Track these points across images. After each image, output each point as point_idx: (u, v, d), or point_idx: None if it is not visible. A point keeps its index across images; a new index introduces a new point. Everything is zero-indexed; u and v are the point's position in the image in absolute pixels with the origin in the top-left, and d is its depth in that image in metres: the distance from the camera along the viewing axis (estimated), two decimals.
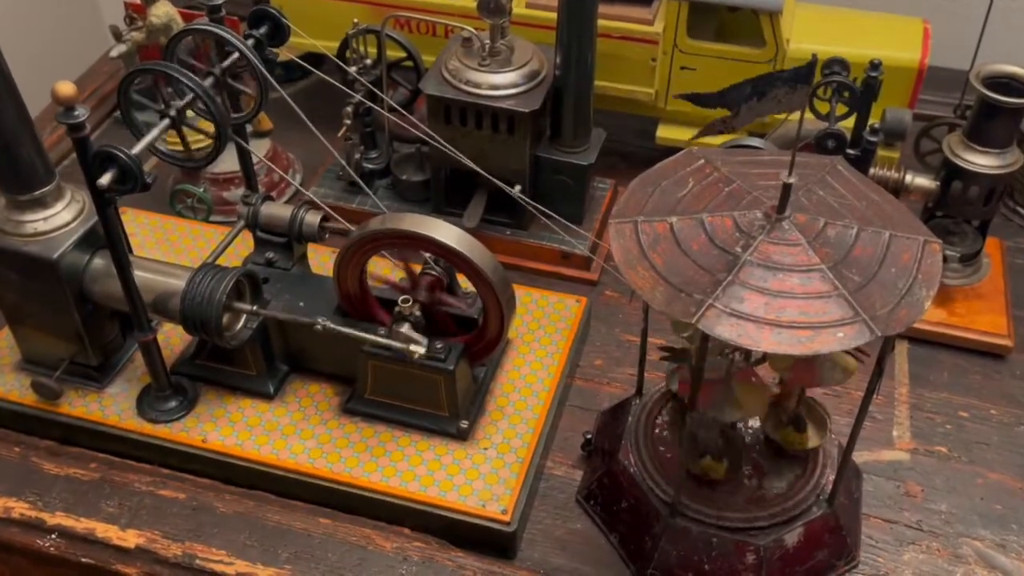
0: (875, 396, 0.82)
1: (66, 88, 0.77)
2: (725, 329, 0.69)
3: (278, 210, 1.02)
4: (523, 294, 1.10)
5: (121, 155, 0.80)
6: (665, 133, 1.28)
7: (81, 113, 0.78)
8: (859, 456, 1.00)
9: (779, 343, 0.68)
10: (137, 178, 0.80)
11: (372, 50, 1.20)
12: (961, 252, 1.13)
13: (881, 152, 1.17)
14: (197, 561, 0.91)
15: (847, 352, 0.84)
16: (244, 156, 1.04)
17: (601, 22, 1.12)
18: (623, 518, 0.93)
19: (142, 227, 1.20)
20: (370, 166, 1.25)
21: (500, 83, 1.10)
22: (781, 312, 0.69)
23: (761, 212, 0.74)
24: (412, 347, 0.91)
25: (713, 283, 0.71)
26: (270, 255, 1.03)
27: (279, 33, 0.98)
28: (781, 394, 0.91)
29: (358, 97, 1.18)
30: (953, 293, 1.13)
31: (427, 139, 1.10)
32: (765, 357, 0.85)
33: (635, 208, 0.78)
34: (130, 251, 0.96)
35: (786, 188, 0.71)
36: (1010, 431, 1.04)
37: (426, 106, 1.14)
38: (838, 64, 1.12)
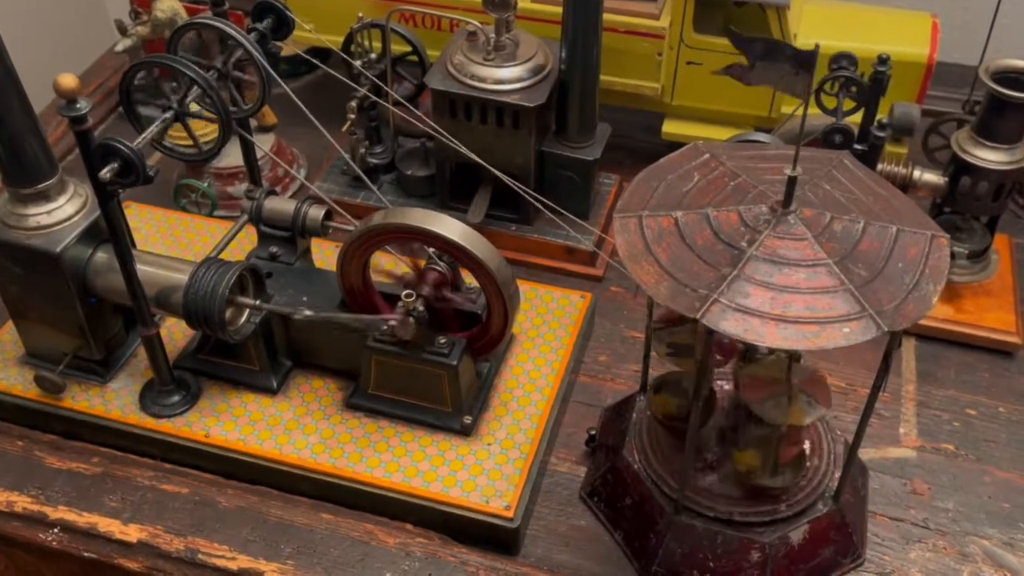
0: (881, 393, 0.82)
1: (68, 80, 0.77)
2: (730, 324, 0.69)
3: (281, 204, 1.02)
4: (527, 289, 1.09)
5: (123, 148, 0.80)
6: (671, 128, 1.27)
7: (83, 106, 0.78)
8: (865, 453, 0.99)
9: (785, 338, 0.68)
10: (139, 171, 0.80)
11: (377, 44, 1.20)
12: (969, 249, 1.12)
13: (889, 148, 1.16)
14: (199, 556, 0.91)
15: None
16: (248, 150, 1.04)
17: (607, 16, 1.12)
18: (627, 515, 0.92)
19: (146, 222, 1.20)
20: (375, 161, 1.25)
21: (505, 77, 1.10)
22: (787, 307, 0.69)
23: (767, 206, 0.73)
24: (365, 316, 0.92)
25: (718, 278, 0.71)
26: (274, 250, 1.03)
27: (283, 26, 0.97)
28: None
29: (363, 91, 1.17)
30: (961, 290, 1.13)
31: (432, 134, 1.09)
32: (771, 352, 0.84)
33: (640, 202, 0.78)
34: (133, 245, 0.96)
35: (791, 182, 0.71)
36: (1018, 429, 1.03)
37: (431, 100, 1.13)
38: (845, 59, 1.11)
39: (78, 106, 0.78)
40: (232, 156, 1.24)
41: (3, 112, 0.86)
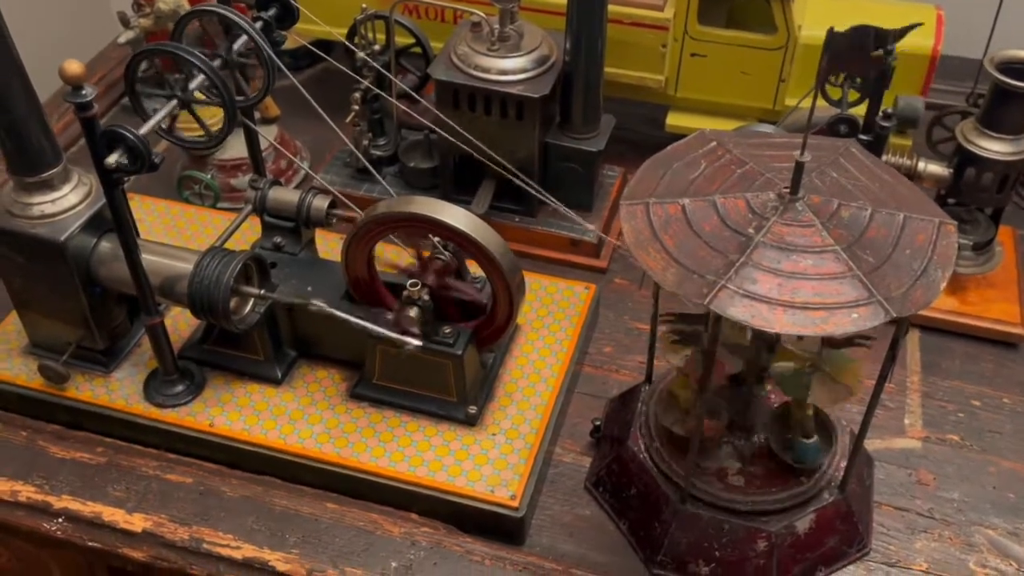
0: (888, 382, 0.82)
1: (74, 67, 0.77)
2: (738, 310, 0.68)
3: (286, 195, 1.02)
4: (532, 281, 1.09)
5: (129, 135, 0.79)
6: (675, 120, 1.27)
7: (88, 92, 0.78)
8: (871, 444, 0.99)
9: (793, 324, 0.68)
10: (144, 158, 0.80)
11: (380, 36, 1.19)
12: (974, 240, 1.12)
13: (893, 139, 1.16)
14: (204, 545, 0.90)
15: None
16: (252, 141, 1.04)
17: (611, 8, 1.12)
18: (632, 504, 0.92)
19: (149, 213, 1.20)
20: (378, 153, 1.25)
21: (509, 68, 1.10)
22: (795, 293, 0.69)
23: (774, 193, 0.73)
24: (407, 338, 0.91)
25: (726, 264, 0.70)
26: (278, 240, 1.03)
27: (287, 16, 0.97)
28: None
29: (366, 83, 1.17)
30: (965, 281, 1.13)
31: (434, 127, 1.09)
32: (778, 339, 0.84)
33: (646, 190, 0.78)
34: (137, 234, 0.96)
35: (799, 167, 0.71)
36: (1023, 419, 1.03)
37: (435, 92, 1.13)
38: None
39: (83, 92, 0.78)
40: (235, 148, 1.24)
41: (7, 100, 0.86)
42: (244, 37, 0.92)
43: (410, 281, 0.93)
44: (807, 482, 0.88)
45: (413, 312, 0.92)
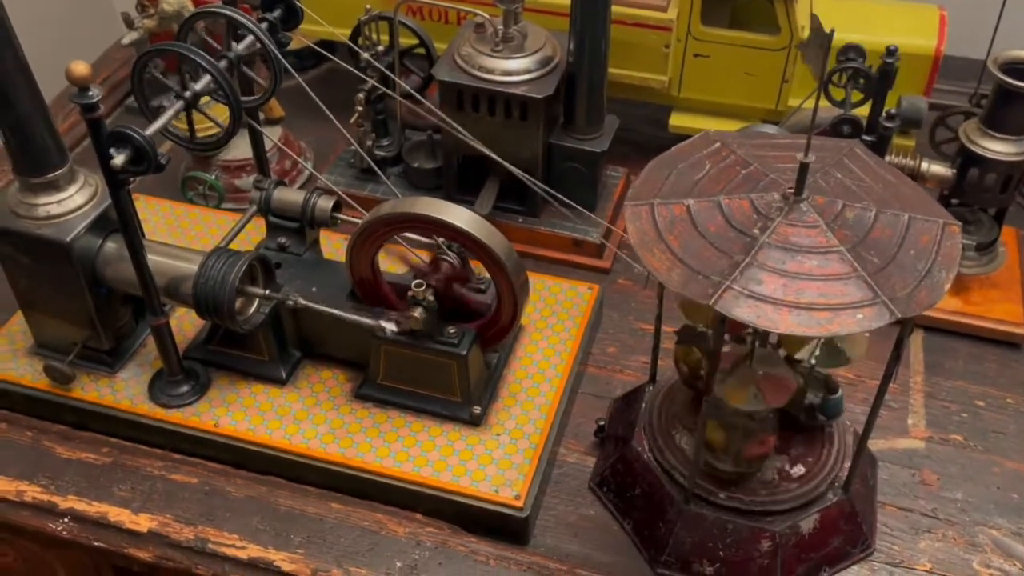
0: (892, 382, 0.82)
1: (80, 68, 0.77)
2: (743, 311, 0.69)
3: (290, 195, 1.02)
4: (535, 281, 1.09)
5: (135, 135, 0.80)
6: (678, 121, 1.28)
7: (95, 93, 0.78)
8: (874, 444, 0.99)
9: (798, 325, 0.68)
10: (151, 158, 0.80)
11: (384, 37, 1.20)
12: (977, 241, 1.12)
13: (896, 140, 1.16)
14: (210, 545, 0.91)
15: None
16: (256, 142, 1.04)
17: (615, 8, 1.12)
18: (637, 504, 0.92)
19: (154, 213, 1.20)
20: (382, 153, 1.25)
21: (513, 69, 1.10)
22: (800, 294, 0.69)
23: (779, 194, 0.73)
24: (383, 323, 0.92)
25: (731, 265, 0.71)
26: (282, 240, 1.03)
27: (291, 17, 0.97)
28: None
29: (371, 83, 1.17)
30: (969, 282, 1.13)
31: (440, 125, 1.09)
32: (779, 342, 0.84)
33: (651, 191, 0.78)
34: (143, 235, 0.96)
35: (803, 168, 0.71)
36: None
37: (438, 92, 1.14)
38: (853, 50, 1.11)
39: (90, 93, 0.78)
40: (239, 148, 1.24)
41: (12, 100, 0.86)
42: (249, 38, 0.92)
43: (415, 282, 0.93)
44: (834, 429, 0.89)
45: (418, 313, 0.92)
